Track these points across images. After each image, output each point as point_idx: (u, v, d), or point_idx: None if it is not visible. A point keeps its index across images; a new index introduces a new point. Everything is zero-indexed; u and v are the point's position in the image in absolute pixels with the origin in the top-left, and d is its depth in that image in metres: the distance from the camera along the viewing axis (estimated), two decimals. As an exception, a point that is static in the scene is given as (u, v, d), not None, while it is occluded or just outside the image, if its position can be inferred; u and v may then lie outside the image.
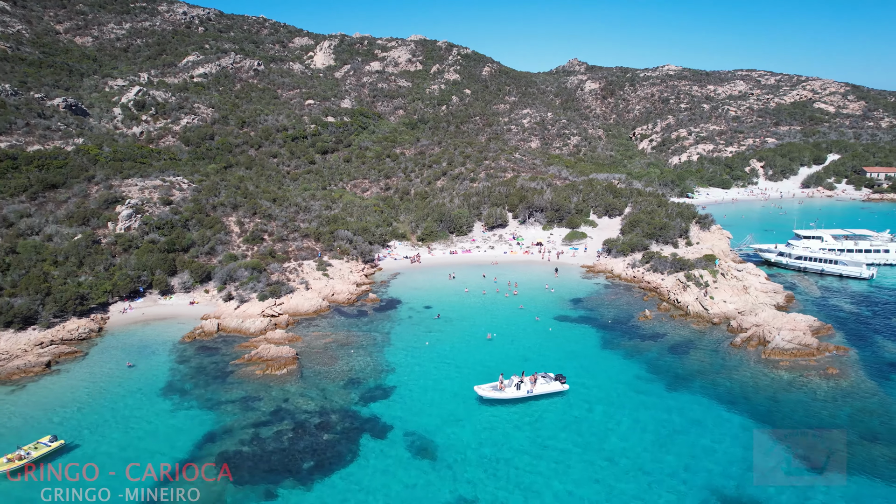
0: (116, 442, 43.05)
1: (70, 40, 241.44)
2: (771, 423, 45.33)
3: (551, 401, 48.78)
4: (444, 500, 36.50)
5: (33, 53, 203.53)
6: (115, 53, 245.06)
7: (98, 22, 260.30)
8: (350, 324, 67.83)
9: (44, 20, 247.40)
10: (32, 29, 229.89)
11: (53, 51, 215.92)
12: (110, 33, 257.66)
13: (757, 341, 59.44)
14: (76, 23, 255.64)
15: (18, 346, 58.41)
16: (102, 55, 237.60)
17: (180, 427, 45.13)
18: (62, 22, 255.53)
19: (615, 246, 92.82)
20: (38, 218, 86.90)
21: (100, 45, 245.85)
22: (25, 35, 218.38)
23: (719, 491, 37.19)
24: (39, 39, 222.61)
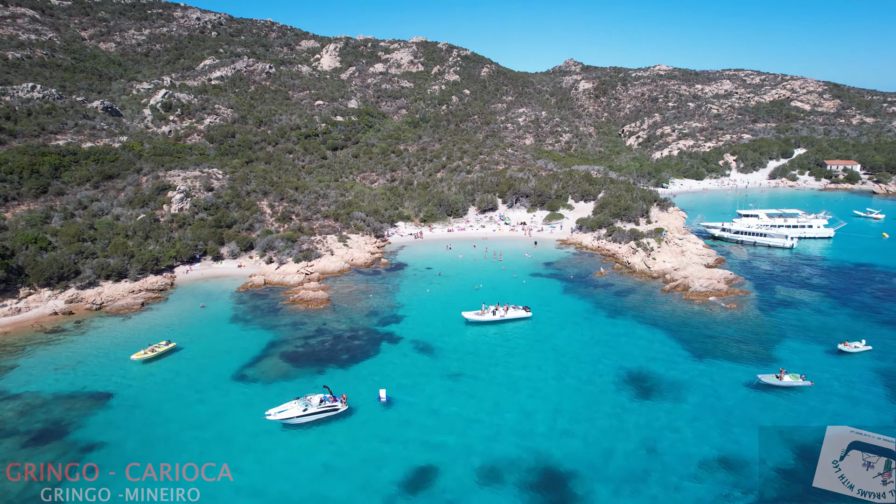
0: (207, 347, 61.27)
1: (95, 46, 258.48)
2: (676, 333, 63.37)
3: (518, 322, 67.22)
4: (437, 374, 54.70)
5: (66, 59, 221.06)
6: (136, 58, 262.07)
7: (119, 28, 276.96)
8: (367, 279, 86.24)
9: (70, 27, 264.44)
10: (62, 36, 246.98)
11: (83, 56, 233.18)
12: (131, 39, 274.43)
13: (681, 287, 77.54)
14: (99, 29, 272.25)
15: (118, 292, 76.77)
16: (126, 59, 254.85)
17: (250, 339, 63.42)
18: (86, 29, 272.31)
19: (585, 224, 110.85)
20: (105, 202, 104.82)
21: (122, 51, 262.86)
22: (56, 42, 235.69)
23: (625, 367, 55.32)
24: (69, 46, 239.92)
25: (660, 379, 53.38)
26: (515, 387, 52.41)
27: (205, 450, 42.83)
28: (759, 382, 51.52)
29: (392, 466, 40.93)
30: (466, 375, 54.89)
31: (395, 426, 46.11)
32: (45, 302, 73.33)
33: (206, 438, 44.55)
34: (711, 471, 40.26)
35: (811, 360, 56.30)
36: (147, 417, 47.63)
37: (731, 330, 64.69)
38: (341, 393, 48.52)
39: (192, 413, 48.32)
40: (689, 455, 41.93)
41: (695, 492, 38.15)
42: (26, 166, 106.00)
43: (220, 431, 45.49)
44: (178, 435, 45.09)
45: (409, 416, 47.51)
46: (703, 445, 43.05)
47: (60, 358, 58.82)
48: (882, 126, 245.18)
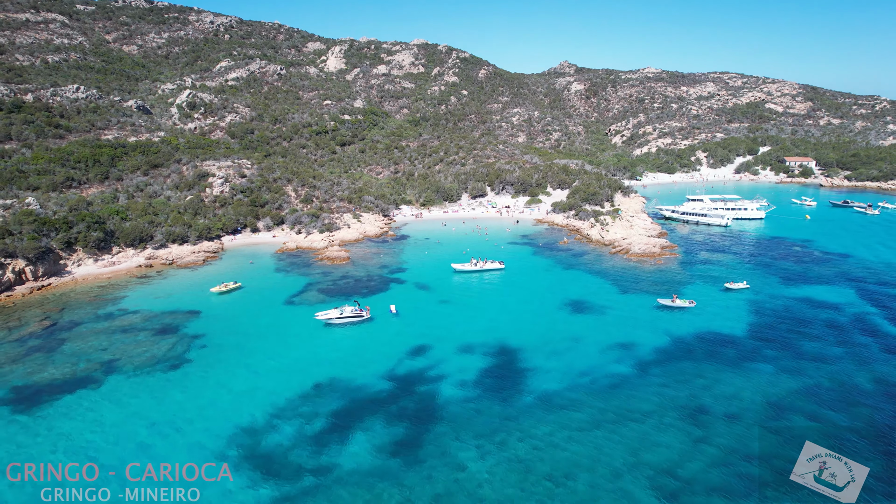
0: (263, 286, 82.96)
1: (119, 49, 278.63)
2: (612, 279, 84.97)
3: (494, 272, 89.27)
4: (434, 301, 76.41)
5: (97, 62, 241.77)
6: (157, 60, 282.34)
7: (140, 32, 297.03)
8: (378, 245, 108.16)
9: (95, 31, 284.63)
10: (89, 40, 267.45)
11: (110, 59, 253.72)
12: (152, 42, 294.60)
13: (624, 251, 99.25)
14: (122, 33, 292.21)
15: (183, 252, 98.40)
16: (148, 62, 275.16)
17: (292, 281, 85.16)
18: (110, 32, 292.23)
19: (559, 206, 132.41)
20: (156, 186, 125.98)
21: (144, 53, 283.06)
22: (86, 46, 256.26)
23: (568, 298, 76.89)
24: (97, 49, 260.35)
25: (592, 304, 75.01)
26: (486, 308, 74.24)
27: (271, 338, 64.37)
28: (658, 305, 73.18)
29: (401, 345, 62.58)
30: (452, 302, 76.62)
31: (402, 326, 67.92)
32: (131, 258, 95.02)
33: (271, 333, 66.11)
34: (612, 350, 61.74)
35: (704, 294, 77.87)
36: (229, 323, 69.17)
37: (653, 277, 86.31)
38: (366, 305, 70.17)
39: (260, 320, 69.99)
40: (600, 341, 63.52)
41: (598, 358, 59.60)
42: (89, 156, 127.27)
43: (280, 329, 67.16)
44: (253, 331, 66.65)
45: (412, 321, 69.29)
46: (611, 337, 64.56)
47: (156, 292, 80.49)
48: (846, 127, 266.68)
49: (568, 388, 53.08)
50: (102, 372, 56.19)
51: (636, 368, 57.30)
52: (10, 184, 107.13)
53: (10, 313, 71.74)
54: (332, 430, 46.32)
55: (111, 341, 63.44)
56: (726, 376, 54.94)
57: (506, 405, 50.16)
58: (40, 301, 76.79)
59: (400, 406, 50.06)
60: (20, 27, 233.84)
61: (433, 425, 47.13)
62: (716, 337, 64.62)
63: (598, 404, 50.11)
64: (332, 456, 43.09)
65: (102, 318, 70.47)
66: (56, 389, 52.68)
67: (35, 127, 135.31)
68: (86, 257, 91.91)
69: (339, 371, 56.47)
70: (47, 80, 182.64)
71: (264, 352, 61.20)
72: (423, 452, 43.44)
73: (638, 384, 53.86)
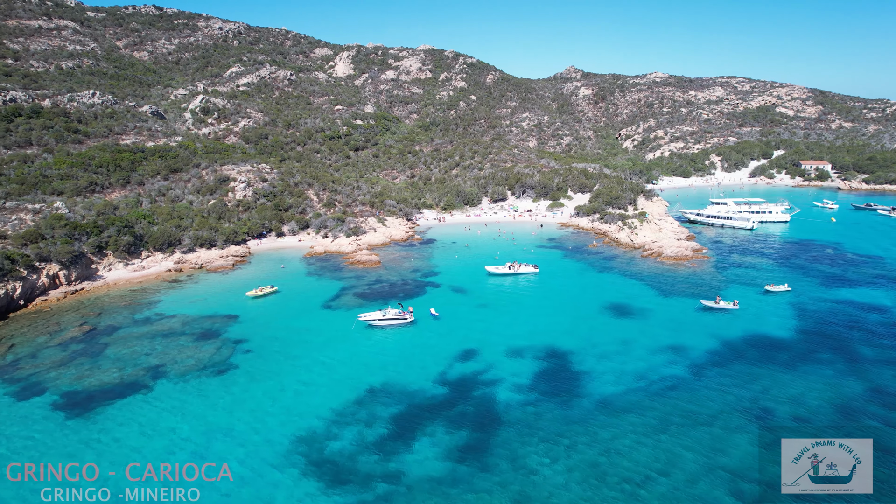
0: (297, 290, 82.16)
1: (130, 55, 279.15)
2: (648, 282, 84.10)
3: (528, 275, 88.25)
4: (472, 304, 75.56)
5: (109, 68, 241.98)
6: (168, 66, 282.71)
7: (151, 38, 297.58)
8: (406, 249, 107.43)
9: (106, 38, 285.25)
10: (101, 46, 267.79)
11: (122, 65, 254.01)
12: (162, 48, 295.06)
13: (656, 254, 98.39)
14: (132, 39, 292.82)
15: (212, 256, 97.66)
16: (159, 67, 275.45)
17: (326, 285, 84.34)
18: (121, 39, 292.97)
19: (582, 210, 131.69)
20: (178, 190, 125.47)
21: (155, 59, 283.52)
22: (98, 52, 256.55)
23: (607, 301, 76.00)
24: (109, 55, 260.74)
25: (633, 307, 74.14)
26: (526, 311, 73.42)
27: (316, 342, 63.57)
28: (701, 306, 72.31)
29: (448, 348, 61.72)
30: (491, 305, 75.80)
31: (445, 329, 67.10)
32: (160, 262, 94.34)
33: (314, 337, 65.31)
34: (662, 352, 60.84)
35: (745, 297, 76.91)
36: (270, 328, 68.36)
37: (690, 280, 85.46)
38: (408, 307, 69.40)
39: (300, 324, 69.24)
40: (649, 344, 62.61)
41: (650, 361, 58.69)
42: (110, 161, 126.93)
43: (323, 333, 66.35)
44: (295, 335, 65.87)
45: (454, 325, 68.49)
46: (659, 340, 63.65)
47: (190, 296, 79.76)
48: (858, 130, 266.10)
49: (625, 392, 52.19)
50: (150, 377, 55.38)
51: (690, 371, 56.40)
52: (35, 188, 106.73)
53: (49, 318, 70.99)
54: (395, 436, 45.45)
55: (153, 346, 62.64)
56: (785, 379, 54.02)
57: (566, 409, 49.28)
58: (76, 305, 76.08)
59: (459, 411, 49.17)
60: (33, 34, 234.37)
61: (496, 430, 46.24)
62: (765, 339, 63.72)
63: (659, 407, 49.21)
64: (399, 462, 42.19)
65: (141, 323, 69.70)
66: (107, 395, 51.86)
67: (54, 132, 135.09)
68: (116, 261, 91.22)
69: (391, 375, 55.61)
70: (63, 85, 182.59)
71: (311, 356, 60.38)
72: (491, 458, 42.54)
73: (696, 387, 52.95)
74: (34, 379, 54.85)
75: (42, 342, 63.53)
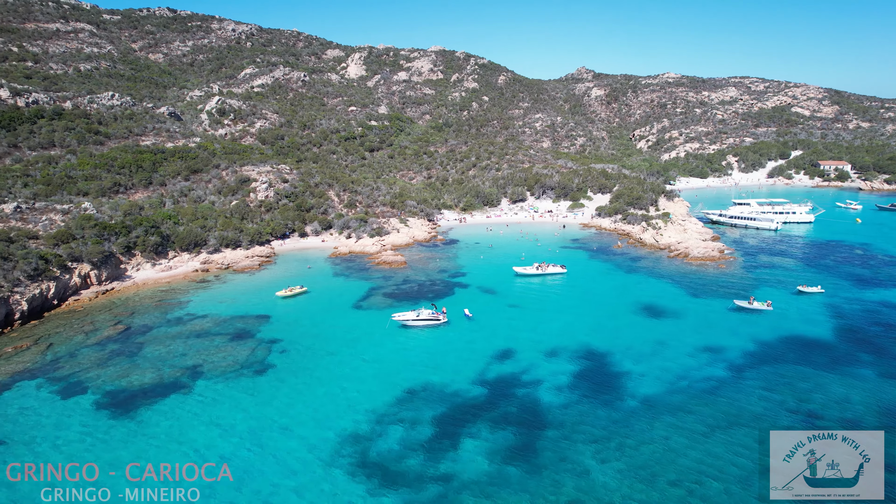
0: (327, 291, 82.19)
1: (146, 57, 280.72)
2: (678, 283, 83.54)
3: (556, 276, 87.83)
4: (503, 305, 75.28)
5: (126, 70, 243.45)
6: (183, 68, 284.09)
7: (165, 40, 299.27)
8: (430, 250, 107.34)
9: (122, 40, 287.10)
10: (117, 48, 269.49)
11: (138, 67, 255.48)
12: (177, 50, 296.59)
13: (683, 254, 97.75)
14: (148, 42, 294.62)
15: (237, 257, 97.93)
16: (174, 69, 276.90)
17: (355, 286, 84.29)
18: (136, 41, 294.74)
19: (604, 210, 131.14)
20: (199, 191, 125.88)
21: (170, 61, 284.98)
22: (115, 54, 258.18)
23: (639, 302, 75.54)
24: (125, 57, 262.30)
25: (665, 308, 73.66)
26: (558, 312, 73.05)
27: (351, 342, 63.49)
28: (734, 306, 71.75)
29: (484, 349, 61.50)
30: (522, 306, 75.51)
31: (479, 330, 66.92)
32: (186, 262, 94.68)
33: (349, 337, 65.20)
34: (700, 353, 60.35)
35: (777, 297, 76.21)
36: (303, 328, 68.37)
37: (720, 280, 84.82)
38: (442, 307, 69.25)
39: (334, 324, 69.18)
40: (685, 345, 62.14)
41: (688, 361, 58.24)
42: (132, 162, 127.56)
43: (357, 333, 66.26)
44: (329, 335, 65.82)
45: (487, 325, 68.24)
46: (695, 340, 63.17)
47: (220, 296, 79.94)
48: (876, 130, 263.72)
49: (668, 392, 51.77)
50: (189, 377, 55.49)
51: (731, 372, 55.90)
52: (61, 189, 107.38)
53: (83, 317, 71.35)
54: (440, 437, 45.26)
55: (189, 346, 62.79)
56: (828, 380, 53.42)
57: (610, 409, 48.93)
58: (107, 305, 76.44)
59: (502, 411, 48.93)
60: (51, 37, 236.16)
61: (542, 430, 45.96)
62: (803, 340, 63.08)
63: (704, 408, 48.77)
64: (448, 463, 42.01)
65: (174, 323, 69.91)
66: (149, 394, 52.00)
67: (76, 133, 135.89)
68: (144, 261, 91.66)
69: (430, 375, 55.45)
70: (82, 87, 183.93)
71: (347, 356, 60.31)
72: (540, 459, 42.27)
73: (738, 388, 52.46)
74: (75, 378, 55.08)
75: (79, 341, 63.84)
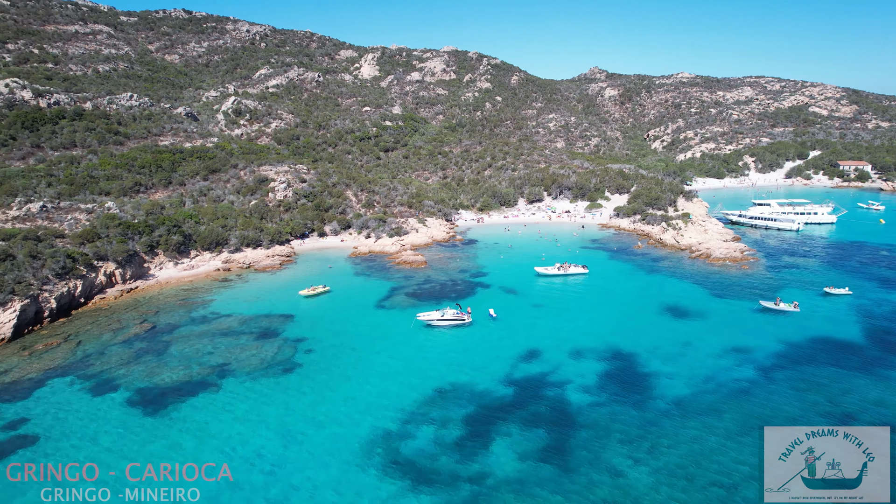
0: (349, 290, 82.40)
1: (162, 58, 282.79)
2: (701, 283, 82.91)
3: (578, 276, 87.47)
4: (526, 305, 75.05)
5: (143, 71, 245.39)
6: (198, 68, 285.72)
7: (181, 42, 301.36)
8: (449, 250, 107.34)
9: (139, 41, 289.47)
10: (134, 49, 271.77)
11: (155, 68, 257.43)
12: (192, 51, 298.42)
13: (704, 255, 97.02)
14: (164, 43, 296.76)
15: (258, 256, 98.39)
16: (189, 70, 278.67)
17: (376, 285, 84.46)
18: (152, 42, 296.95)
19: (622, 211, 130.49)
20: (218, 190, 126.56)
21: (186, 62, 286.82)
22: (132, 56, 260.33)
23: (663, 303, 75.02)
24: (142, 59, 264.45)
25: (689, 308, 73.12)
26: (582, 312, 72.77)
27: (376, 342, 63.59)
28: (760, 307, 71.09)
29: (510, 349, 61.36)
30: (545, 306, 75.26)
31: (503, 330, 66.80)
32: (208, 261, 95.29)
33: (374, 336, 65.32)
34: (728, 354, 59.83)
35: (804, 299, 75.41)
36: (327, 327, 68.53)
37: (743, 281, 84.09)
38: (467, 307, 69.19)
39: (358, 324, 69.33)
40: (713, 345, 61.64)
41: (716, 362, 57.75)
42: (151, 162, 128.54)
43: (381, 332, 66.34)
44: (354, 334, 65.94)
45: (511, 325, 68.08)
46: (722, 342, 62.64)
47: (243, 295, 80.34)
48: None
49: (698, 393, 51.36)
50: (217, 376, 55.78)
51: (760, 373, 55.36)
52: (84, 188, 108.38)
53: (109, 315, 71.99)
54: (472, 436, 45.18)
55: (215, 345, 63.13)
56: (861, 383, 52.76)
57: (640, 410, 48.61)
58: (132, 304, 77.06)
59: (532, 411, 48.74)
60: (70, 38, 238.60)
61: (573, 431, 45.73)
62: (833, 342, 62.36)
63: (736, 409, 48.34)
64: (480, 462, 41.91)
65: (198, 322, 70.33)
66: (178, 392, 52.34)
67: (97, 134, 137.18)
68: (167, 260, 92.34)
69: (457, 375, 55.39)
70: (101, 88, 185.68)
71: (374, 355, 60.41)
72: (573, 459, 42.07)
73: (770, 390, 51.92)
74: (105, 376, 55.55)
75: (107, 339, 64.39)
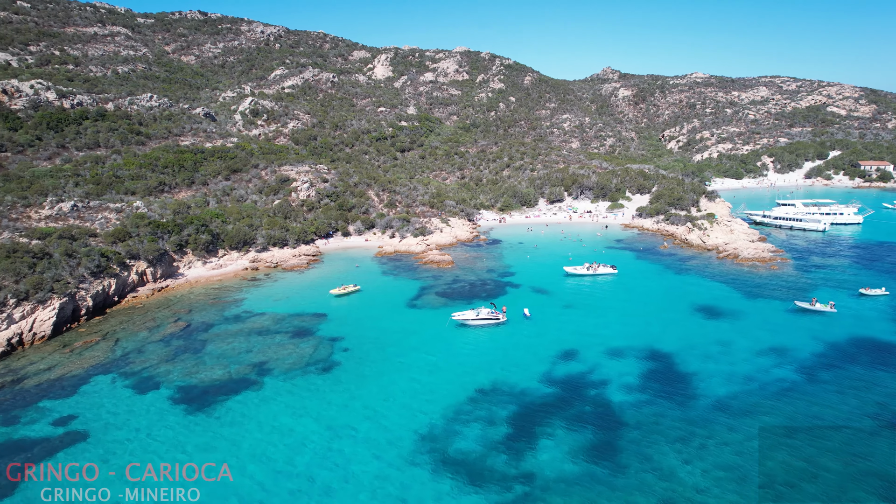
0: (378, 289, 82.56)
1: (179, 59, 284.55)
2: (731, 284, 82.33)
3: (607, 276, 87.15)
4: (558, 304, 74.82)
5: (161, 72, 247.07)
6: (214, 69, 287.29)
7: (197, 43, 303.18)
8: (474, 249, 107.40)
9: (156, 43, 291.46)
10: (151, 51, 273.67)
11: (172, 69, 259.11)
12: (208, 52, 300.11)
13: (732, 256, 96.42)
14: (180, 44, 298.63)
15: (285, 255, 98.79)
16: (205, 70, 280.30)
17: (405, 285, 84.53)
18: (169, 44, 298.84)
19: (645, 211, 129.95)
20: (241, 190, 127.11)
21: (202, 63, 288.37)
22: (149, 57, 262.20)
23: (695, 302, 74.56)
24: (159, 60, 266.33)
25: (721, 309, 72.64)
26: (614, 312, 72.53)
27: (412, 341, 63.60)
28: (795, 307, 70.50)
29: (547, 348, 61.20)
30: (577, 306, 75.04)
31: (538, 329, 66.65)
32: (236, 261, 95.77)
33: (409, 335, 65.34)
34: (766, 354, 59.36)
35: (839, 299, 74.73)
36: (361, 326, 68.67)
37: (774, 282, 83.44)
38: (502, 307, 69.12)
39: (391, 323, 69.40)
40: (750, 345, 61.21)
41: (756, 362, 57.30)
42: (174, 162, 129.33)
43: (416, 331, 66.39)
44: (388, 333, 66.00)
45: (546, 325, 67.93)
46: (759, 342, 62.16)
47: (273, 294, 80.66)
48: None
49: (741, 393, 50.98)
50: (256, 374, 56.00)
51: (802, 374, 54.88)
52: (110, 188, 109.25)
53: (144, 314, 72.50)
54: (518, 436, 45.05)
55: (251, 343, 63.40)
56: (908, 384, 52.16)
57: (685, 410, 48.31)
58: (164, 302, 77.55)
59: (576, 411, 48.57)
60: (90, 40, 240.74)
61: (619, 430, 45.52)
62: (874, 343, 61.73)
63: (781, 409, 47.94)
64: (529, 462, 41.78)
65: (232, 321, 70.67)
66: (220, 391, 52.57)
67: (119, 134, 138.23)
68: (195, 259, 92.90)
69: (497, 374, 55.29)
70: (122, 89, 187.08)
71: (411, 354, 60.43)
72: (623, 458, 41.85)
73: (813, 390, 51.46)
74: (146, 374, 55.91)
75: (144, 337, 64.83)
